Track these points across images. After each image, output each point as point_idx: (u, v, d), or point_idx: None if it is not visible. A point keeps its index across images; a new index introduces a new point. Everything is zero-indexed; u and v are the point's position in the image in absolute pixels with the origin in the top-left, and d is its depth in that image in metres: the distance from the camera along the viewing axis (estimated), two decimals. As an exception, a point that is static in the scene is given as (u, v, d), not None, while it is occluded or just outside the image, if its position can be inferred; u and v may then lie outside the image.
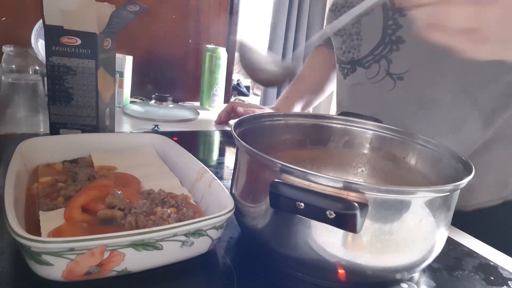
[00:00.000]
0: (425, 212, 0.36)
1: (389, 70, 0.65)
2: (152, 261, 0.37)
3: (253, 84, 4.33)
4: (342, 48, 0.73)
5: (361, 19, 0.68)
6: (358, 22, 0.68)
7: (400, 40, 0.63)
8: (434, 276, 0.44)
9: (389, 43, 0.64)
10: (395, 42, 0.64)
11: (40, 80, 0.74)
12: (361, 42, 0.69)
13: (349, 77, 0.73)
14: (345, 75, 0.74)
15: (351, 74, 0.72)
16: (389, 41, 0.64)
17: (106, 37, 0.65)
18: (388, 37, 0.64)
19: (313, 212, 0.33)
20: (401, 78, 0.64)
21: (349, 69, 0.72)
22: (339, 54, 0.75)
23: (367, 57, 0.68)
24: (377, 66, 0.67)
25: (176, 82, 1.24)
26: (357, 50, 0.70)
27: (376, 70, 0.67)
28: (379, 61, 0.66)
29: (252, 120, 0.51)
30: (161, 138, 0.60)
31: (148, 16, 1.11)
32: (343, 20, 0.58)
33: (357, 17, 0.68)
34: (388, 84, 0.66)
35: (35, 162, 0.51)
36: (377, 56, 0.66)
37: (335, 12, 0.74)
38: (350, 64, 0.72)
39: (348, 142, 0.56)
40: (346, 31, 0.71)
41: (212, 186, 0.46)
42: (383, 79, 0.66)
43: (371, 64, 0.67)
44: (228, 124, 0.98)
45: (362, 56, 0.69)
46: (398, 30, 0.63)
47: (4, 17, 0.97)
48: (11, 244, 0.39)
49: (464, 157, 0.44)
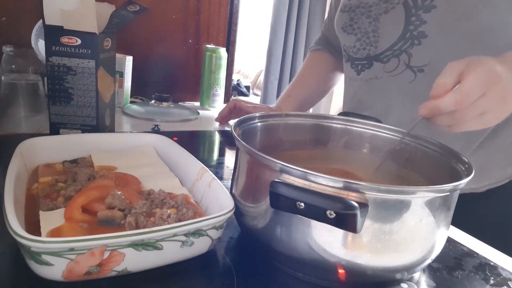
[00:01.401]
0: (425, 212, 0.36)
1: (409, 63, 0.67)
2: (152, 261, 0.36)
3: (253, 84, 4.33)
4: (356, 46, 0.74)
5: (380, 17, 0.69)
6: (377, 20, 0.70)
7: (422, 35, 0.65)
8: (434, 276, 0.44)
9: (410, 38, 0.66)
10: (417, 37, 0.65)
11: (40, 80, 0.74)
12: (378, 39, 0.70)
13: (364, 72, 0.74)
14: (359, 70, 0.75)
15: (367, 69, 0.73)
16: (410, 36, 0.66)
17: (106, 37, 0.65)
18: (409, 33, 0.66)
19: (313, 212, 0.33)
20: (422, 70, 0.66)
21: (364, 65, 0.73)
22: (352, 52, 0.76)
23: (386, 52, 0.69)
24: (396, 60, 0.68)
25: (176, 82, 1.24)
26: (373, 47, 0.71)
27: (396, 64, 0.68)
28: (399, 55, 0.68)
29: (252, 120, 0.51)
30: (161, 138, 0.60)
31: (148, 16, 1.11)
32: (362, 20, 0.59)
33: (376, 16, 0.70)
34: (409, 76, 0.67)
35: (35, 162, 0.51)
36: (397, 51, 0.68)
37: (349, 12, 0.75)
38: (366, 60, 0.73)
39: (348, 142, 0.56)
40: (361, 30, 0.73)
41: (212, 186, 0.46)
42: (403, 72, 0.68)
43: (390, 59, 0.69)
44: (228, 124, 0.98)
45: (379, 52, 0.70)
46: (422, 26, 0.65)
47: (4, 17, 0.97)
48: (11, 244, 0.39)
49: (464, 157, 0.44)
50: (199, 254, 0.40)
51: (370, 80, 0.73)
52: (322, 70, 0.98)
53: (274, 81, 2.78)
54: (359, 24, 0.73)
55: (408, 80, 0.68)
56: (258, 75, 4.23)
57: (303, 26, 2.70)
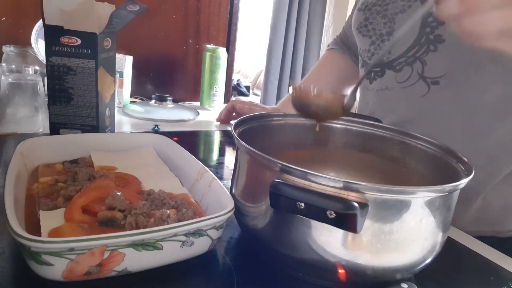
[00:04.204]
0: (425, 212, 0.36)
1: (423, 73, 0.61)
2: (152, 261, 0.36)
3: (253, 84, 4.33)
4: (370, 50, 0.68)
5: (396, 17, 0.63)
6: (392, 20, 0.63)
7: (439, 39, 0.58)
8: (434, 276, 0.44)
9: (426, 42, 0.60)
10: (433, 41, 0.59)
11: (40, 80, 0.74)
12: (392, 43, 0.64)
13: (376, 81, 0.67)
14: (372, 79, 0.68)
15: (379, 78, 0.66)
16: (426, 41, 0.60)
17: (106, 37, 0.65)
18: (425, 36, 0.60)
19: (313, 212, 0.33)
20: (437, 82, 0.59)
21: (377, 72, 0.67)
22: (366, 56, 0.70)
23: (399, 59, 0.63)
24: (409, 69, 0.62)
25: (176, 82, 1.24)
26: (387, 52, 0.65)
27: (408, 73, 0.62)
28: (413, 63, 0.61)
29: (252, 120, 0.51)
30: (161, 138, 0.60)
31: (148, 16, 1.11)
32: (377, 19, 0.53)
33: (391, 15, 0.63)
34: (421, 89, 0.61)
35: (35, 162, 0.51)
36: (411, 58, 0.62)
37: (364, 11, 0.69)
38: (379, 66, 0.66)
39: (348, 142, 0.56)
40: (376, 32, 0.66)
41: (212, 186, 0.46)
42: (416, 83, 0.61)
43: (403, 67, 0.63)
44: (228, 123, 0.98)
45: (393, 58, 0.64)
46: (438, 28, 0.58)
47: (4, 17, 0.97)
48: (11, 244, 0.39)
49: (464, 157, 0.44)
50: (199, 254, 0.40)
51: (381, 91, 0.66)
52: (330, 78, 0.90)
53: (274, 81, 2.78)
54: (374, 25, 0.66)
55: (420, 93, 0.61)
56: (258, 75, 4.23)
57: (303, 26, 2.70)
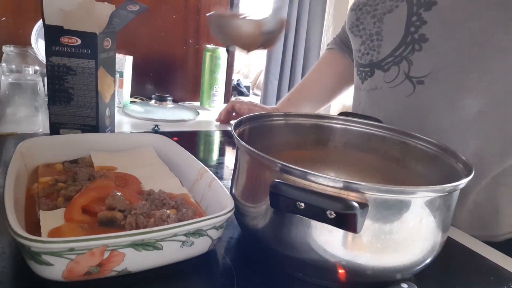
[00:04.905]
0: (425, 212, 0.36)
1: (409, 73, 0.62)
2: (152, 261, 0.36)
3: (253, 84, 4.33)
4: (361, 50, 0.69)
5: (384, 17, 0.64)
6: (380, 20, 0.65)
7: (423, 39, 0.60)
8: (434, 276, 0.44)
9: (411, 42, 0.61)
10: (418, 41, 0.60)
11: (40, 80, 0.74)
12: (381, 43, 0.65)
13: (366, 81, 0.69)
14: (363, 79, 0.70)
15: (369, 78, 0.68)
16: (411, 40, 0.61)
17: (106, 37, 0.65)
18: (410, 36, 0.61)
19: (313, 212, 0.33)
20: (421, 82, 0.61)
21: (367, 73, 0.68)
22: (358, 56, 0.71)
23: (387, 59, 0.64)
24: (396, 68, 0.63)
25: (176, 82, 1.24)
26: (376, 52, 0.66)
27: (395, 73, 0.63)
28: (399, 63, 0.63)
29: (252, 120, 0.51)
30: (161, 138, 0.60)
31: (148, 16, 1.11)
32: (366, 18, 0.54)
33: (380, 15, 0.65)
34: (407, 89, 0.63)
35: (35, 162, 0.51)
36: (398, 58, 0.63)
37: (356, 11, 0.70)
38: (368, 67, 0.68)
39: (348, 142, 0.56)
40: (366, 31, 0.68)
41: (212, 186, 0.46)
42: (402, 83, 0.63)
43: (391, 67, 0.64)
44: (228, 124, 0.98)
45: (381, 58, 0.65)
46: (422, 27, 0.59)
47: (4, 17, 0.97)
48: (11, 244, 0.39)
49: (464, 157, 0.44)
50: (199, 254, 0.40)
51: (372, 91, 0.68)
52: (330, 78, 0.91)
53: (274, 81, 2.78)
54: (365, 25, 0.68)
55: (406, 93, 0.62)
56: (258, 75, 4.23)
57: (303, 26, 2.70)
